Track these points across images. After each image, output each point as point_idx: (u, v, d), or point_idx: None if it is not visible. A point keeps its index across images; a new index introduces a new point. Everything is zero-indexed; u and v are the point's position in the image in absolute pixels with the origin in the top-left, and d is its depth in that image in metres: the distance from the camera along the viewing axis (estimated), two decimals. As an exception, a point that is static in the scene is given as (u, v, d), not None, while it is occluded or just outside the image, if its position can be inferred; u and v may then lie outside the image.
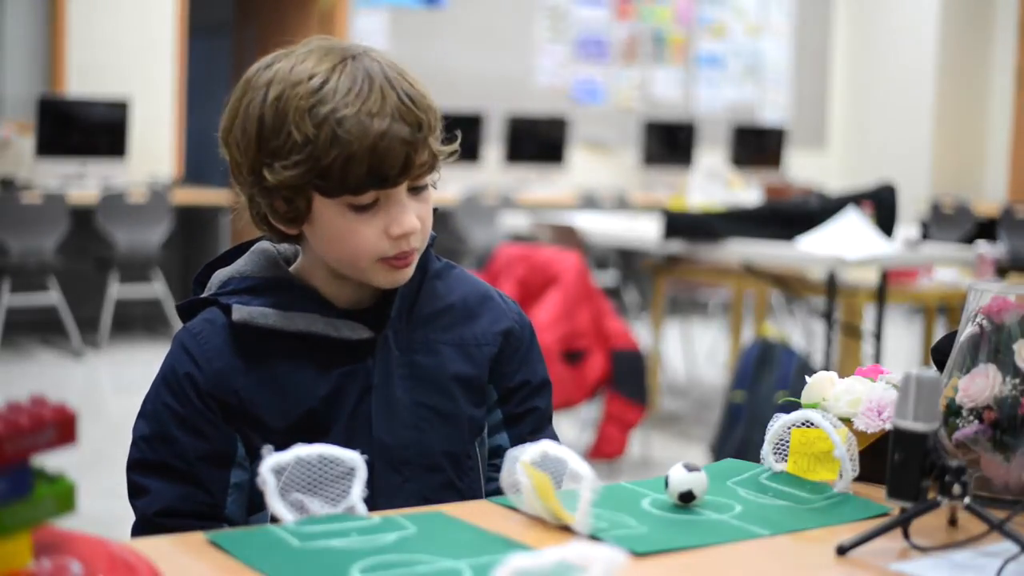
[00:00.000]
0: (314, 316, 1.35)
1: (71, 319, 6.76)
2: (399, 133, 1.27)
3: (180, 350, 1.35)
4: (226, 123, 1.36)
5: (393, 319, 1.37)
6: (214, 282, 1.40)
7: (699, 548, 1.12)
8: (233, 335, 1.34)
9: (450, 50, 8.73)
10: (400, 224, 1.31)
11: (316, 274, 1.38)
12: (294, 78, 1.29)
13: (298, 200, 1.31)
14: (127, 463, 1.36)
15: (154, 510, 1.33)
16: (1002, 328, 1.26)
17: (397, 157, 1.27)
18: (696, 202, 5.72)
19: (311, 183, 1.28)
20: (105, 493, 4.20)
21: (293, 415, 1.34)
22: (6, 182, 6.83)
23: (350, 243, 1.31)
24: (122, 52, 7.52)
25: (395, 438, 1.36)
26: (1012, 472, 1.24)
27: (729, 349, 5.77)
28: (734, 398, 4.46)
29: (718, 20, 10.02)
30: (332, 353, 1.35)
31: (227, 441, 1.34)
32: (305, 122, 1.27)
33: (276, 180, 1.29)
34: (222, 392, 1.33)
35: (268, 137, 1.30)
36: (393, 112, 1.27)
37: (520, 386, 1.46)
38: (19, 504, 0.81)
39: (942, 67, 9.98)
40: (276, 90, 1.29)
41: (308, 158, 1.27)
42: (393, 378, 1.37)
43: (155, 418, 1.34)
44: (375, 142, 1.26)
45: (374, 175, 1.27)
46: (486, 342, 1.43)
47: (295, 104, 1.27)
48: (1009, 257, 5.92)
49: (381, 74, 1.29)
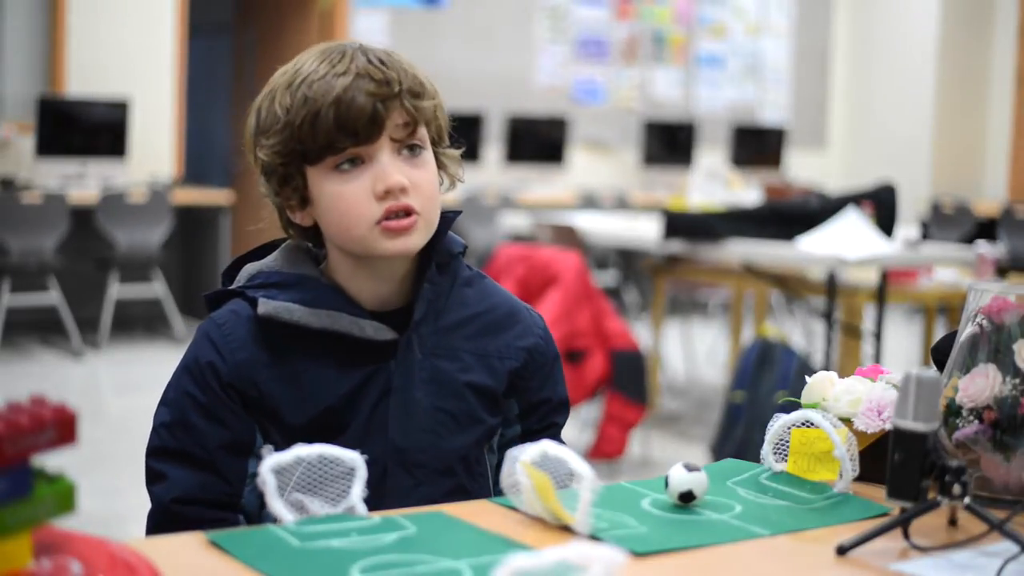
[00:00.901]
0: (339, 314, 1.36)
1: (71, 319, 6.76)
2: (363, 86, 1.32)
3: (204, 339, 1.37)
4: (245, 134, 1.43)
5: (418, 322, 1.38)
6: (243, 275, 1.42)
7: (699, 548, 1.12)
8: (257, 328, 1.36)
9: (450, 50, 8.74)
10: (383, 180, 1.33)
11: (339, 270, 1.40)
12: (284, 69, 1.38)
13: (294, 177, 1.36)
14: (147, 449, 1.37)
15: (172, 496, 1.33)
16: (1002, 328, 1.26)
17: (363, 109, 1.31)
18: (696, 202, 5.72)
19: (294, 151, 1.34)
20: (105, 493, 4.21)
21: (311, 412, 1.35)
22: (6, 182, 6.83)
23: (342, 209, 1.34)
24: (122, 52, 7.52)
25: (411, 441, 1.37)
26: (1012, 472, 1.24)
27: (729, 349, 5.77)
28: (734, 398, 4.46)
29: (718, 20, 10.02)
30: (355, 352, 1.36)
31: (247, 431, 1.35)
32: (284, 96, 1.34)
33: (266, 157, 1.35)
34: (243, 384, 1.34)
35: (260, 122, 1.37)
36: (359, 70, 1.33)
37: (542, 403, 1.47)
38: (19, 504, 0.81)
39: (942, 67, 9.98)
40: (272, 84, 1.38)
41: (285, 126, 1.33)
42: (414, 381, 1.38)
43: (176, 406, 1.35)
44: (339, 95, 1.31)
45: (343, 129, 1.32)
46: (508, 356, 1.44)
47: (279, 85, 1.36)
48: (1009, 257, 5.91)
49: (355, 46, 1.36)
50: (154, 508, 1.35)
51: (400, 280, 1.40)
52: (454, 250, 1.44)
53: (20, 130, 7.17)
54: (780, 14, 10.32)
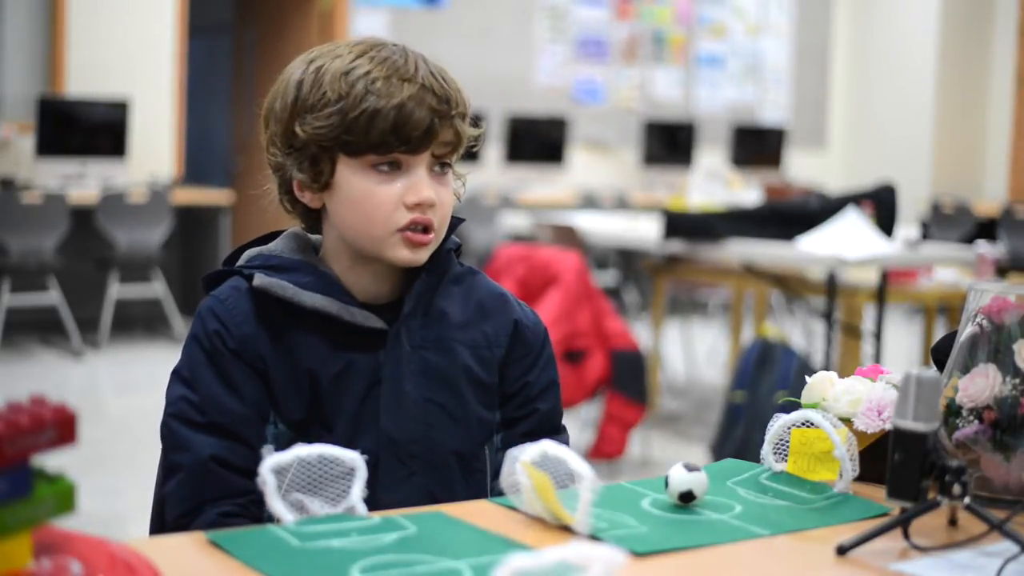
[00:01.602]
0: (330, 299, 1.37)
1: (71, 319, 6.76)
2: (426, 99, 1.34)
3: (208, 313, 1.38)
4: (267, 103, 1.42)
5: (407, 315, 1.39)
6: (243, 259, 1.44)
7: (699, 548, 1.12)
8: (256, 303, 1.37)
9: (450, 50, 8.73)
10: (417, 192, 1.35)
11: (337, 259, 1.41)
12: (335, 53, 1.38)
13: (323, 162, 1.36)
14: (164, 424, 1.36)
15: (208, 454, 1.31)
16: (1002, 328, 1.26)
17: (422, 121, 1.33)
18: (696, 202, 5.72)
19: (339, 139, 1.34)
20: (105, 493, 4.21)
21: (304, 391, 1.36)
22: (6, 182, 6.83)
23: (368, 207, 1.35)
24: (122, 52, 7.52)
25: (401, 431, 1.37)
26: (1012, 472, 1.24)
27: (729, 349, 5.77)
28: (734, 398, 4.46)
29: (718, 20, 10.02)
30: (345, 337, 1.37)
31: (261, 396, 1.35)
32: (340, 82, 1.34)
33: (307, 135, 1.35)
34: (250, 355, 1.35)
35: (305, 96, 1.36)
36: (424, 80, 1.35)
37: (523, 388, 1.47)
38: (19, 504, 0.81)
39: (942, 67, 9.98)
40: (317, 63, 1.38)
41: (338, 111, 1.33)
42: (403, 372, 1.38)
43: (192, 377, 1.35)
44: (403, 102, 1.33)
45: (398, 134, 1.33)
46: (497, 344, 1.45)
47: (333, 69, 1.35)
48: (1009, 257, 5.91)
49: (416, 52, 1.38)
50: (185, 474, 1.32)
51: (392, 276, 1.42)
52: (446, 247, 1.45)
53: (20, 130, 7.17)
54: (780, 14, 10.32)
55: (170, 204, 6.98)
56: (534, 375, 1.47)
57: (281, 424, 1.35)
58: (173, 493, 1.33)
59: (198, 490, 1.31)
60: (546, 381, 1.49)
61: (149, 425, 1.39)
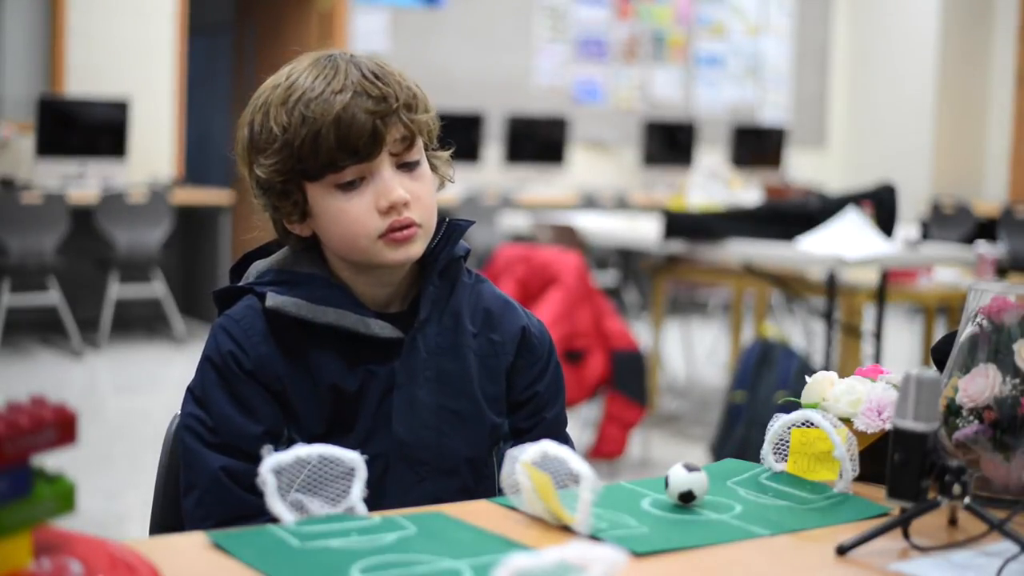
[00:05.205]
0: (345, 312, 1.37)
1: (71, 319, 6.75)
2: (362, 104, 1.33)
3: (222, 333, 1.37)
4: (236, 148, 1.42)
5: (423, 322, 1.40)
6: (251, 272, 1.43)
7: (699, 548, 1.13)
8: (271, 323, 1.37)
9: (450, 50, 8.73)
10: (386, 196, 1.35)
11: (342, 275, 1.41)
12: (273, 82, 1.38)
13: (293, 193, 1.37)
14: (178, 433, 1.36)
15: (220, 465, 1.31)
16: (1002, 328, 1.26)
17: (363, 127, 1.32)
18: (696, 202, 5.72)
19: (294, 170, 1.34)
20: (105, 493, 4.21)
21: (325, 408, 1.35)
22: (6, 182, 6.83)
23: (345, 224, 1.35)
24: (122, 52, 7.52)
25: (414, 436, 1.38)
26: (1012, 472, 1.24)
27: (729, 349, 5.76)
28: (734, 398, 4.46)
29: (718, 20, 10.02)
30: (361, 349, 1.37)
31: (276, 417, 1.35)
32: (280, 114, 1.34)
33: (266, 174, 1.35)
34: (266, 376, 1.35)
35: (256, 138, 1.37)
36: (355, 87, 1.33)
37: (531, 398, 1.47)
38: (19, 504, 0.81)
39: (942, 67, 9.98)
40: (263, 97, 1.37)
41: (284, 145, 1.34)
42: (418, 379, 1.39)
43: (207, 400, 1.34)
44: (339, 115, 1.32)
45: (344, 147, 1.32)
46: (504, 352, 1.45)
47: (273, 100, 1.35)
48: (1009, 257, 5.91)
49: (347, 59, 1.37)
50: (200, 492, 1.32)
51: (399, 284, 1.42)
52: (456, 254, 1.44)
53: (20, 130, 7.17)
54: (780, 14, 10.32)
55: (170, 204, 6.98)
56: (543, 385, 1.48)
57: (298, 438, 1.34)
58: (191, 512, 1.34)
59: (215, 510, 1.31)
60: (554, 390, 1.50)
61: (149, 425, 1.39)
